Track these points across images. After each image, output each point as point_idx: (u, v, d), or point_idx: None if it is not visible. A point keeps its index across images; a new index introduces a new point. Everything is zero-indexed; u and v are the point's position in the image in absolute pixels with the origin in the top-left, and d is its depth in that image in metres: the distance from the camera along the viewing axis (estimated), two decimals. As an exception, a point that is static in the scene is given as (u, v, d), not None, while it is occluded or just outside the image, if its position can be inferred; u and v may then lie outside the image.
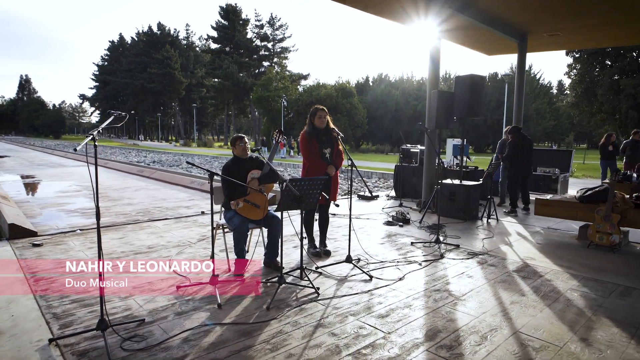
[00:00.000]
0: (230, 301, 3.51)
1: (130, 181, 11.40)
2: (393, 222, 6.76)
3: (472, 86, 7.07)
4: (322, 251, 4.92)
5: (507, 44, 11.08)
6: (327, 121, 4.76)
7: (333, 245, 5.29)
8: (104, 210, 7.50)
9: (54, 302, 3.42)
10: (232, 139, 4.36)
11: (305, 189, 3.75)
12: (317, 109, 4.74)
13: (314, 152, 4.68)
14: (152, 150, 40.85)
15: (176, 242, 5.27)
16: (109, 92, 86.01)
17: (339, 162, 4.81)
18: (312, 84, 49.56)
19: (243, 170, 4.18)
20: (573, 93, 32.34)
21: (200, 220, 6.66)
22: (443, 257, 4.90)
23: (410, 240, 5.66)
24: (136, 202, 8.44)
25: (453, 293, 3.80)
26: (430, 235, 6.02)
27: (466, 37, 10.68)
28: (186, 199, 8.77)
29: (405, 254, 5.01)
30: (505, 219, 7.37)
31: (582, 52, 30.96)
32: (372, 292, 3.79)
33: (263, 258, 4.43)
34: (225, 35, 69.81)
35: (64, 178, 12.33)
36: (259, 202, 4.19)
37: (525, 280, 4.18)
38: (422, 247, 5.35)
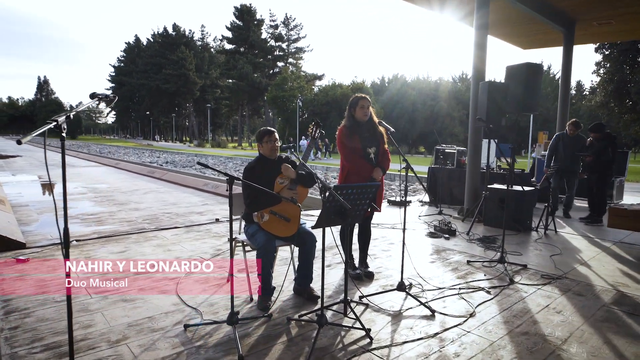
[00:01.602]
0: (254, 349, 2.62)
1: (140, 183, 10.66)
2: (437, 234, 5.82)
3: (527, 76, 6.08)
4: (363, 273, 4.01)
5: (549, 34, 10.05)
6: (371, 113, 3.85)
7: (373, 265, 4.38)
8: (108, 216, 6.70)
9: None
10: (258, 133, 3.47)
11: (353, 198, 2.85)
12: (358, 97, 3.83)
13: (355, 151, 3.77)
14: (165, 151, 40.41)
15: (186, 257, 4.41)
16: (124, 93, 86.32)
17: (386, 164, 3.90)
18: (327, 84, 48.71)
19: (270, 173, 3.30)
20: (602, 92, 30.77)
21: (214, 229, 5.81)
22: (513, 282, 3.94)
23: (465, 258, 4.71)
24: (144, 206, 7.63)
25: (549, 339, 2.85)
26: (486, 250, 5.08)
27: (504, 27, 9.69)
28: (199, 203, 7.94)
29: (465, 277, 4.06)
30: (564, 231, 6.37)
31: (613, 50, 29.47)
32: (440, 335, 2.86)
33: (293, 283, 3.54)
34: (239, 36, 69.40)
35: (71, 179, 11.65)
36: (290, 215, 3.30)
37: (634, 318, 3.22)
38: (482, 267, 4.41)
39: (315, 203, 9.62)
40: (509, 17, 8.83)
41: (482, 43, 6.91)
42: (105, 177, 12.16)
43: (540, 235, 6.00)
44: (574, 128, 7.00)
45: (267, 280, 3.19)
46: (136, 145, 56.99)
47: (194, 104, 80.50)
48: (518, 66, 6.17)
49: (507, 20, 9.11)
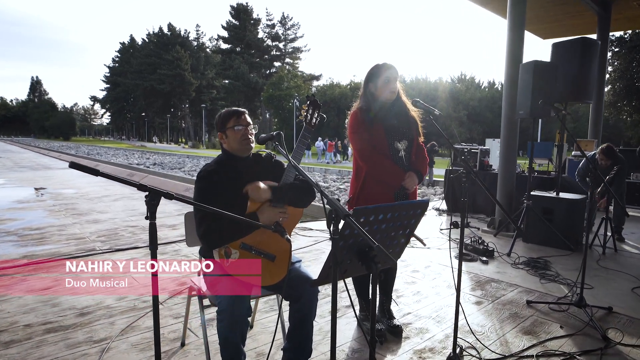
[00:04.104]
0: None
1: (113, 187, 9.35)
2: (470, 255, 4.52)
3: (582, 54, 4.81)
4: (387, 327, 2.70)
5: (581, 19, 8.80)
6: (399, 91, 2.56)
7: (397, 309, 3.08)
8: (55, 231, 5.38)
9: None
10: (219, 117, 2.15)
11: (386, 228, 1.56)
12: (379, 67, 2.53)
13: (377, 145, 2.48)
14: (156, 152, 39.04)
15: (129, 307, 3.08)
16: (119, 94, 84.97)
17: (424, 166, 2.61)
18: (325, 84, 47.52)
19: (240, 181, 1.99)
20: (611, 91, 29.61)
21: (184, 250, 4.51)
22: (610, 344, 2.64)
23: (521, 296, 3.42)
24: (106, 217, 6.30)
25: None
26: (542, 280, 3.79)
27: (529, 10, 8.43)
28: (174, 212, 6.63)
29: (536, 333, 2.76)
30: (624, 249, 5.11)
31: (622, 47, 28.34)
32: None
33: (281, 356, 2.23)
34: (236, 35, 68.16)
35: (36, 183, 10.30)
36: (275, 250, 2.01)
37: None
38: (550, 311, 3.12)
39: (317, 211, 8.26)
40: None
41: (518, 20, 5.63)
42: (77, 180, 10.81)
43: (599, 256, 4.73)
44: (606, 159, 5.11)
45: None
46: (128, 147, 55.54)
47: (190, 104, 79.00)
48: (571, 42, 4.89)
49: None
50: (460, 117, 45.98)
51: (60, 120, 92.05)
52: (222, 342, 1.85)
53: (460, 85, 51.81)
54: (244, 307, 1.86)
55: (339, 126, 36.76)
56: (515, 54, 5.54)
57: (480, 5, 8.07)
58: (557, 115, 3.38)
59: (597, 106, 8.78)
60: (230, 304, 1.81)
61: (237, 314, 1.82)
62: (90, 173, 1.23)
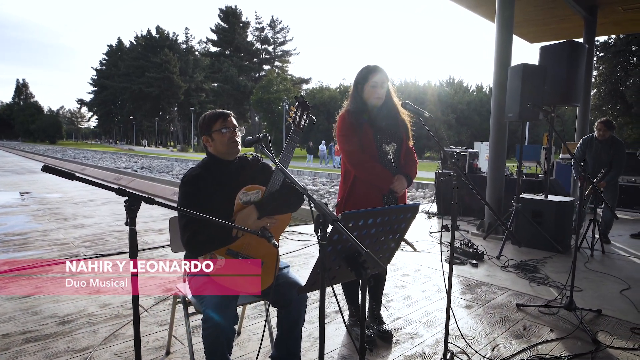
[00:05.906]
0: None
1: (100, 192, 9.19)
2: (460, 259, 4.51)
3: (570, 57, 4.85)
4: (377, 333, 2.66)
5: (568, 22, 8.89)
6: (389, 93, 2.54)
7: (387, 313, 3.05)
8: (39, 237, 5.26)
9: None
10: (203, 119, 2.10)
11: (375, 233, 1.52)
12: (368, 70, 2.50)
13: (365, 149, 2.45)
14: (144, 156, 38.65)
15: (113, 315, 3.01)
16: (107, 97, 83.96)
17: (413, 169, 2.58)
18: (315, 87, 47.54)
19: (226, 186, 1.94)
20: (596, 95, 30.09)
21: (171, 255, 4.42)
22: (599, 345, 2.63)
23: (511, 299, 3.41)
24: (92, 222, 6.18)
25: None
26: (531, 283, 3.79)
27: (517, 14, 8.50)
28: (160, 217, 6.52)
29: (526, 337, 2.74)
30: (613, 250, 5.15)
31: (607, 52, 28.84)
32: None
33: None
34: (225, 38, 67.82)
35: (20, 187, 10.11)
36: (262, 254, 1.96)
37: None
38: (541, 315, 3.10)
39: (306, 215, 8.18)
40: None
41: (507, 23, 5.66)
42: (63, 184, 10.62)
43: (587, 258, 4.75)
44: (605, 129, 5.32)
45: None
46: (116, 150, 54.90)
47: (179, 107, 78.36)
48: (559, 45, 4.93)
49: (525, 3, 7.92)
50: (449, 120, 46.32)
51: (46, 123, 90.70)
52: (207, 350, 1.79)
53: (449, 88, 52.22)
54: (231, 314, 1.80)
55: (328, 130, 36.81)
56: (504, 57, 5.56)
57: (469, 9, 8.11)
58: (546, 117, 3.38)
59: (584, 109, 8.87)
60: (216, 310, 1.76)
61: (223, 321, 1.76)
62: (65, 177, 1.17)
